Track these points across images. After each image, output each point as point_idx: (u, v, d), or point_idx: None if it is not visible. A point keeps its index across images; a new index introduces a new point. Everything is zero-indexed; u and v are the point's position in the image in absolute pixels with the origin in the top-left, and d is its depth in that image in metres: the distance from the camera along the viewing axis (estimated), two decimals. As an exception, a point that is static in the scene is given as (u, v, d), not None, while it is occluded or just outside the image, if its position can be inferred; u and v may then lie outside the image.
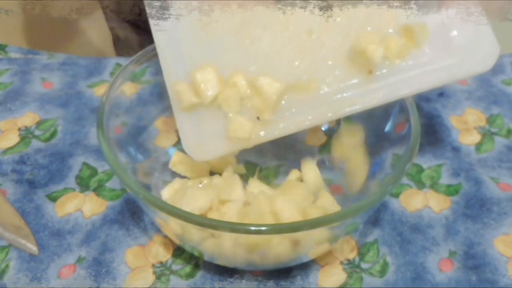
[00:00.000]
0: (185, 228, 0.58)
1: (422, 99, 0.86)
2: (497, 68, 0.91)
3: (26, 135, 0.81)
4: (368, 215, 0.65)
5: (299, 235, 0.55)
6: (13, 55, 0.93)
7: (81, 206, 0.71)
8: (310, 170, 0.71)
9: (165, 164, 0.73)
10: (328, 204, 0.66)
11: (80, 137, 0.81)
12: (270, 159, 0.77)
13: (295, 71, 0.63)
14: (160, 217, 0.58)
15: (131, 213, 0.71)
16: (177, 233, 0.61)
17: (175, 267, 0.65)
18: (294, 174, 0.73)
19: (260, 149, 0.67)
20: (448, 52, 0.62)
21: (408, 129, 0.62)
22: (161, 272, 0.65)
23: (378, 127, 0.70)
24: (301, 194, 0.66)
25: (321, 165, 0.74)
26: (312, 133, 0.77)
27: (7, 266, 0.65)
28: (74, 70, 0.89)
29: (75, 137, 0.79)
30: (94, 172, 0.76)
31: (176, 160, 0.72)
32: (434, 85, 0.63)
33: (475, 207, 0.72)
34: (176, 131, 0.65)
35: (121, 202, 0.72)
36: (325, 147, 0.76)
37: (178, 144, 0.74)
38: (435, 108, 0.84)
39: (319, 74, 0.62)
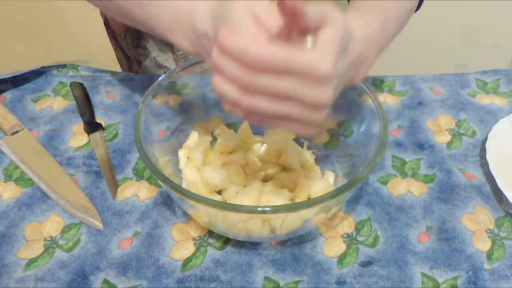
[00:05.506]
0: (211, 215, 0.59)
1: (405, 107, 0.85)
2: (464, 83, 0.91)
3: (94, 136, 0.81)
4: (353, 192, 0.63)
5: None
6: (83, 73, 0.93)
7: (137, 192, 0.71)
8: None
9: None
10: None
11: (136, 137, 0.80)
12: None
13: None
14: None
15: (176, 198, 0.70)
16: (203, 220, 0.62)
17: (211, 240, 0.65)
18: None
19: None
20: None
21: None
22: (200, 244, 0.65)
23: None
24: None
25: (325, 158, 0.75)
26: (318, 134, 0.77)
27: (79, 239, 0.66)
28: (131, 85, 0.89)
29: (132, 138, 0.79)
30: (147, 165, 0.76)
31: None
32: None
33: (447, 192, 0.72)
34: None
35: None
36: (328, 144, 0.75)
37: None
38: (415, 114, 0.84)
39: None
